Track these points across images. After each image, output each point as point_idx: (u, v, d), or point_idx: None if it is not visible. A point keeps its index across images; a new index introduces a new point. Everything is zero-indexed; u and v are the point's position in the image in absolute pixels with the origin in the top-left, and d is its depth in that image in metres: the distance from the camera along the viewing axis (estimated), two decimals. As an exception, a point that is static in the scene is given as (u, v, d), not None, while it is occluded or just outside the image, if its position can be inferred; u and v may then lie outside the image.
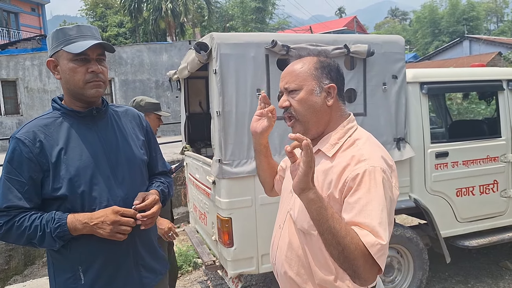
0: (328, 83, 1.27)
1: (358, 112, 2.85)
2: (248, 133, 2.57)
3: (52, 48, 1.45)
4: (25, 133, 1.39)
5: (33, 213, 1.37)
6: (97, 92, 1.45)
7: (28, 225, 1.34)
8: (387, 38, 3.00)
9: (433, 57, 22.44)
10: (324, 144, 1.29)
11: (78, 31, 1.43)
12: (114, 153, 1.49)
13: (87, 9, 29.82)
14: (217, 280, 3.82)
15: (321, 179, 1.23)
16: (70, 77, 1.42)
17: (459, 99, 7.24)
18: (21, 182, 1.37)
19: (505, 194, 3.36)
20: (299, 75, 1.28)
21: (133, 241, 1.49)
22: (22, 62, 12.21)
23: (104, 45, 1.44)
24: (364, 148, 1.22)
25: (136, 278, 1.52)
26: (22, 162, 1.37)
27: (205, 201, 3.12)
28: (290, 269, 1.32)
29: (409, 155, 2.98)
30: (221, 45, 2.48)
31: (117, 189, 1.46)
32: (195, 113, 4.36)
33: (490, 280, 3.55)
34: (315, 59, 1.30)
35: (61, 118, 1.46)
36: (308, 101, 1.26)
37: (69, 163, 1.39)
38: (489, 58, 15.24)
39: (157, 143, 1.76)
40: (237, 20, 28.02)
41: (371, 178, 1.13)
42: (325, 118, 1.29)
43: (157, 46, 14.78)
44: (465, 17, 30.94)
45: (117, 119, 1.58)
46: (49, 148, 1.39)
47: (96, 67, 1.42)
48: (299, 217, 1.28)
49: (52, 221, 1.34)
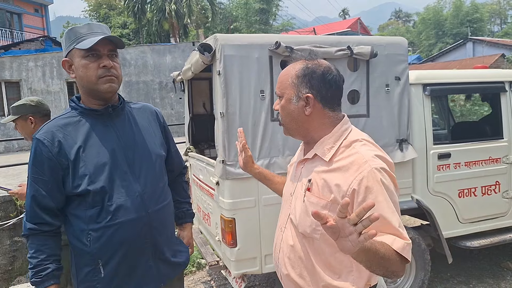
0: (305, 93, 1.25)
1: (361, 114, 2.86)
2: (252, 134, 2.59)
3: (66, 49, 1.50)
4: (44, 133, 1.46)
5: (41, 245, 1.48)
6: (111, 87, 1.48)
7: (30, 254, 1.47)
8: (390, 40, 3.02)
9: (437, 58, 22.39)
10: (320, 148, 1.28)
11: (89, 29, 1.47)
12: (131, 149, 1.54)
13: (90, 10, 29.96)
14: (220, 281, 3.84)
15: (321, 183, 1.24)
16: (83, 73, 1.46)
17: (462, 100, 7.22)
18: (44, 181, 1.44)
19: (507, 195, 3.37)
20: (282, 82, 1.31)
21: (153, 235, 1.54)
22: (25, 63, 12.28)
23: (114, 41, 1.48)
24: (362, 150, 1.21)
25: (154, 271, 1.56)
26: (43, 162, 1.44)
27: (208, 202, 3.14)
28: (292, 271, 1.33)
29: (411, 156, 2.99)
30: (225, 47, 2.50)
31: (134, 184, 1.51)
32: (199, 114, 4.38)
33: (492, 281, 3.55)
34: (300, 66, 1.28)
35: (79, 117, 1.51)
36: (286, 108, 1.29)
37: (87, 160, 1.45)
38: (493, 60, 15.20)
39: (173, 139, 1.83)
40: (241, 22, 28.07)
41: (375, 180, 1.14)
42: (304, 125, 1.29)
43: (160, 47, 14.82)
44: (468, 19, 30.89)
45: (134, 115, 1.63)
46: (67, 147, 1.44)
47: (108, 61, 1.46)
48: (301, 222, 1.29)
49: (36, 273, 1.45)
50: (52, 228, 1.49)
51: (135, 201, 1.49)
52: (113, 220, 1.46)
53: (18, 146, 12.23)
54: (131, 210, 1.48)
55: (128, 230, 1.47)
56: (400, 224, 1.16)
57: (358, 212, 0.93)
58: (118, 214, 1.46)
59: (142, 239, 1.51)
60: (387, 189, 1.16)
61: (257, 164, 1.71)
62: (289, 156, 2.65)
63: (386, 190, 1.15)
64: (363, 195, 1.14)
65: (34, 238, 1.47)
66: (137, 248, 1.51)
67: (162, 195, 1.62)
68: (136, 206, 1.50)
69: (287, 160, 2.65)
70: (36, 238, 1.47)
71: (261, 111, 2.59)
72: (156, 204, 1.56)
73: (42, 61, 12.52)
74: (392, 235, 1.14)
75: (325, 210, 1.21)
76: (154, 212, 1.55)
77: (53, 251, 1.49)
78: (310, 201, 1.26)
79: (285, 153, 2.66)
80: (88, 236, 1.46)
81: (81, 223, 1.47)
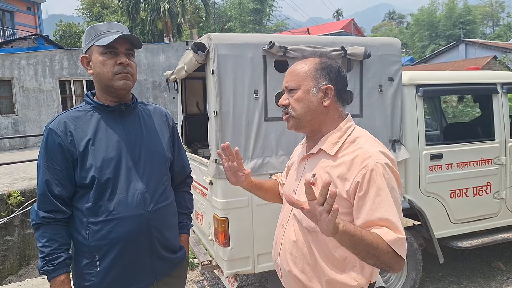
0: (325, 84, 1.30)
1: (355, 114, 2.87)
2: (245, 133, 2.59)
3: (85, 45, 1.55)
4: (57, 123, 1.49)
5: (54, 233, 1.48)
6: (125, 84, 1.53)
7: (42, 243, 1.46)
8: (383, 41, 3.03)
9: (430, 60, 22.58)
10: (325, 143, 1.32)
11: (109, 27, 1.53)
12: (138, 147, 1.58)
13: (83, 9, 29.74)
14: (213, 280, 3.83)
15: (325, 178, 1.24)
16: (100, 69, 1.50)
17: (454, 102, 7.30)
18: (57, 170, 1.47)
19: (498, 196, 3.40)
20: (298, 75, 1.32)
21: (151, 233, 1.56)
22: (17, 61, 12.14)
23: (132, 40, 1.53)
24: (366, 146, 1.25)
25: (149, 267, 1.58)
26: (56, 151, 1.47)
27: (201, 201, 3.14)
28: (294, 266, 1.34)
29: (404, 157, 3.01)
30: (219, 46, 2.49)
31: (137, 182, 1.53)
32: (192, 114, 4.37)
33: (483, 281, 3.59)
34: (317, 60, 1.34)
35: (91, 111, 1.55)
36: (305, 100, 1.31)
37: (95, 153, 1.48)
38: (485, 61, 15.37)
39: (181, 142, 1.85)
40: (235, 22, 28.06)
41: (378, 174, 1.18)
42: (320, 117, 1.33)
43: (154, 46, 14.75)
44: (461, 21, 31.20)
45: (145, 116, 1.67)
46: (78, 139, 1.48)
47: (124, 59, 1.51)
48: (305, 216, 1.30)
49: (49, 262, 1.45)
50: (65, 216, 1.50)
51: (136, 198, 1.51)
52: (113, 215, 1.48)
53: (10, 145, 12.10)
54: (131, 207, 1.50)
55: (126, 227, 1.49)
56: (398, 220, 1.17)
57: (321, 191, 0.98)
58: (118, 210, 1.48)
59: (140, 236, 1.52)
60: (388, 185, 1.19)
61: (251, 163, 1.70)
62: (282, 156, 2.65)
63: (388, 186, 1.18)
64: (365, 188, 1.18)
65: (47, 227, 1.47)
66: (134, 244, 1.52)
67: (163, 195, 1.63)
68: (136, 203, 1.51)
69: (280, 160, 2.64)
70: (49, 227, 1.47)
71: (254, 111, 2.59)
72: (156, 203, 1.58)
73: (35, 60, 12.40)
74: (387, 228, 1.15)
75: None
76: (154, 211, 1.56)
77: (65, 240, 1.50)
78: None
79: (279, 153, 2.66)
80: (87, 229, 1.48)
81: (82, 216, 1.49)
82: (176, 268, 1.72)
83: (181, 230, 1.80)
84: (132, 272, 1.54)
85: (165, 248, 1.63)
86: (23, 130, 12.21)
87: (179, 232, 1.78)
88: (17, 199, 5.42)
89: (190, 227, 1.89)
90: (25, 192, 5.58)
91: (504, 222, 3.45)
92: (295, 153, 1.59)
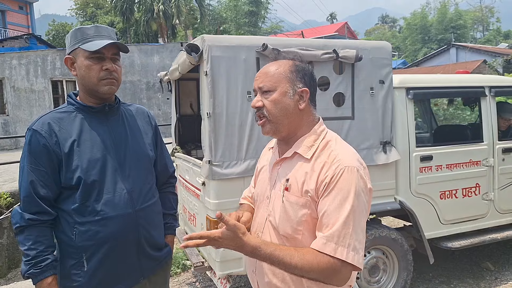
0: (301, 87, 1.28)
1: (346, 116, 2.91)
2: (239, 135, 2.60)
3: (70, 46, 1.53)
4: (41, 124, 1.48)
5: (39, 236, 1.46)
6: (110, 89, 1.53)
7: (27, 246, 1.44)
8: (375, 44, 3.08)
9: (421, 63, 22.79)
10: (300, 146, 1.29)
11: (96, 31, 1.51)
12: (123, 148, 1.58)
13: (77, 9, 29.55)
14: (205, 282, 3.83)
15: (301, 181, 1.24)
16: (86, 73, 1.50)
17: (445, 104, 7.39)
18: (41, 171, 1.46)
19: (487, 197, 3.46)
20: (274, 76, 1.28)
21: (139, 232, 1.57)
22: (9, 61, 12.02)
23: (119, 45, 1.53)
24: (337, 149, 1.25)
25: (137, 265, 1.58)
26: (40, 152, 1.46)
27: (194, 203, 3.14)
28: (274, 277, 1.29)
29: (394, 158, 3.05)
30: (213, 47, 2.51)
31: (122, 182, 1.54)
32: (186, 115, 4.37)
33: (472, 281, 3.64)
34: (291, 62, 1.31)
35: (75, 112, 1.55)
36: (281, 102, 1.27)
37: (81, 154, 1.48)
38: (475, 65, 15.57)
39: (163, 141, 1.85)
40: (230, 24, 28.07)
41: (345, 178, 1.17)
42: (296, 120, 1.30)
43: (148, 47, 14.71)
44: (452, 25, 31.56)
45: (128, 116, 1.67)
46: (62, 140, 1.47)
47: (111, 65, 1.51)
48: (281, 223, 1.27)
49: (35, 265, 1.43)
50: (50, 217, 1.49)
51: (123, 198, 1.52)
52: (100, 215, 1.48)
53: (0, 145, 11.95)
54: (119, 206, 1.51)
55: (114, 226, 1.49)
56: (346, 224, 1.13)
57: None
58: (105, 210, 1.48)
59: (128, 235, 1.53)
60: (355, 190, 1.16)
61: (244, 164, 1.67)
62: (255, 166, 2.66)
63: (354, 191, 1.16)
64: (329, 189, 1.18)
65: (33, 229, 1.45)
66: (123, 243, 1.52)
67: (149, 194, 1.65)
68: (124, 202, 1.52)
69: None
70: (34, 229, 1.45)
71: (247, 112, 2.61)
72: (143, 202, 1.59)
73: (26, 59, 12.29)
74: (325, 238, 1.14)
75: (305, 208, 1.22)
76: (141, 210, 1.58)
77: (51, 242, 1.49)
78: (289, 201, 1.26)
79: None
80: (74, 230, 1.47)
81: (68, 217, 1.49)
82: (162, 266, 1.73)
83: (167, 231, 1.80)
84: (120, 270, 1.54)
85: (152, 246, 1.64)
86: (14, 130, 12.07)
87: (165, 232, 1.79)
88: (7, 200, 5.34)
89: (176, 227, 1.89)
90: (15, 194, 5.51)
91: (492, 222, 3.51)
92: (263, 157, 1.53)
